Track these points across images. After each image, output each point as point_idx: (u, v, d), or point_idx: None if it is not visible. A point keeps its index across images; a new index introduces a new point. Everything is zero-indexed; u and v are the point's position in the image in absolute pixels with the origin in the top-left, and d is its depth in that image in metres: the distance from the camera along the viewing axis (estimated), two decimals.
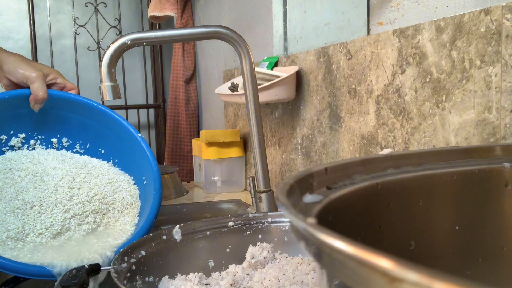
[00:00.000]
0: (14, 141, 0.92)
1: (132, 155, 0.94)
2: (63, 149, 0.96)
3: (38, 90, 0.88)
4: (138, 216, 0.87)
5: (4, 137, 0.91)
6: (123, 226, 0.84)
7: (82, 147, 0.97)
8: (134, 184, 0.92)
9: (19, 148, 0.92)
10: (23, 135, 0.93)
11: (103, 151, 0.97)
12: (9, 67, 0.88)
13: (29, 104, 0.90)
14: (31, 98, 0.89)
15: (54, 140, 0.96)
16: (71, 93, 0.94)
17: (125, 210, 0.87)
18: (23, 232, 0.76)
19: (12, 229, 0.76)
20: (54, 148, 0.96)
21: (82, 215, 0.82)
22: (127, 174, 0.94)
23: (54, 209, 0.80)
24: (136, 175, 0.93)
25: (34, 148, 0.94)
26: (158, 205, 0.85)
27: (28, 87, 0.89)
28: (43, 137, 0.95)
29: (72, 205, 0.82)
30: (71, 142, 0.97)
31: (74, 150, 0.97)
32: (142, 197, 0.90)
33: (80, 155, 0.96)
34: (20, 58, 0.90)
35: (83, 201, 0.83)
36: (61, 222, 0.79)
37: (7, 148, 0.91)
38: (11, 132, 0.92)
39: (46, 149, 0.95)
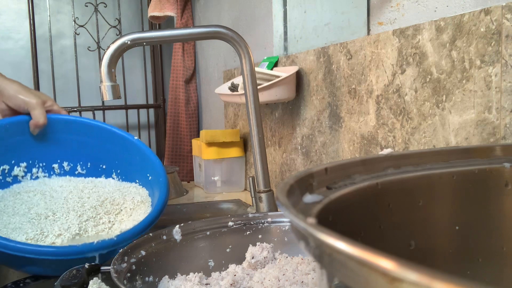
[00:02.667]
0: (16, 170, 0.94)
1: (132, 160, 0.97)
2: (66, 175, 0.99)
3: (39, 116, 0.92)
4: (151, 207, 0.88)
5: (6, 166, 0.92)
6: (138, 217, 0.86)
7: (84, 167, 0.99)
8: (142, 186, 0.94)
9: (22, 177, 0.94)
10: (24, 164, 0.94)
11: (104, 166, 1.00)
12: (10, 92, 0.92)
13: (26, 131, 0.93)
14: (32, 123, 0.92)
15: (55, 165, 0.98)
16: (65, 115, 0.99)
17: (137, 207, 0.89)
18: (42, 234, 0.78)
19: (31, 232, 0.77)
20: (56, 175, 0.98)
21: (96, 217, 0.85)
22: (132, 183, 0.96)
23: (68, 215, 0.83)
24: (141, 177, 0.95)
25: (37, 177, 0.96)
26: (167, 188, 0.88)
27: (25, 114, 0.93)
28: (44, 164, 0.97)
29: (84, 210, 0.85)
30: (72, 165, 0.99)
31: (76, 172, 0.99)
32: (151, 194, 0.91)
33: (84, 177, 0.99)
34: (20, 85, 0.94)
35: (94, 206, 0.86)
36: (78, 224, 0.82)
37: (11, 177, 0.93)
38: (13, 162, 0.94)
39: (49, 177, 0.97)
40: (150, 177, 0.93)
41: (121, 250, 0.61)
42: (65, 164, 0.98)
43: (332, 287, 0.24)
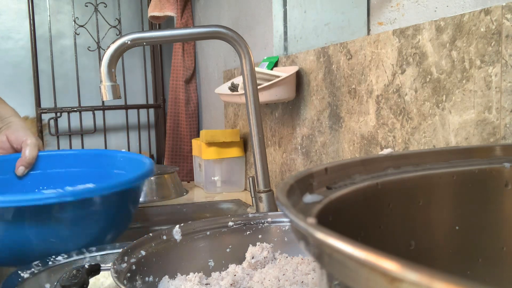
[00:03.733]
0: None
1: (107, 170, 0.99)
2: None
3: (29, 154, 0.96)
4: None
5: None
6: None
7: None
8: None
9: None
10: None
11: None
12: (14, 127, 0.97)
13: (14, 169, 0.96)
14: (19, 160, 0.95)
15: None
16: (49, 150, 1.02)
17: None
18: None
19: None
20: None
21: None
22: None
23: None
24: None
25: None
26: (151, 161, 0.90)
27: (19, 151, 0.96)
28: None
29: None
30: None
31: None
32: None
33: None
34: (26, 125, 1.00)
35: None
36: None
37: None
38: None
39: None
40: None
41: (121, 250, 0.61)
42: None
43: (332, 287, 0.24)
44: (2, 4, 2.32)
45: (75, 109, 2.26)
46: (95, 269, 0.61)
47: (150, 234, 0.67)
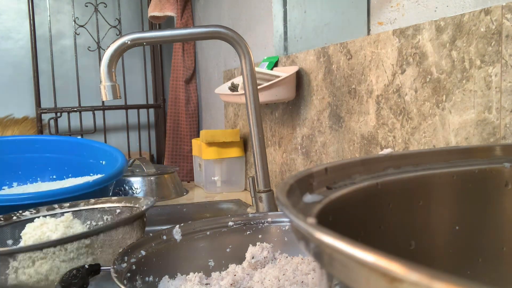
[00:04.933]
0: None
1: (81, 158, 1.02)
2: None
3: None
4: None
5: None
6: None
7: (34, 183, 1.01)
8: (97, 174, 0.97)
9: None
10: None
11: (54, 176, 1.03)
12: None
13: None
14: None
15: (5, 188, 1.00)
16: (4, 136, 1.03)
17: None
18: None
19: None
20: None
21: None
22: (86, 176, 0.99)
23: None
24: (94, 169, 0.99)
25: None
26: (122, 156, 0.94)
27: None
28: None
29: None
30: (22, 184, 1.01)
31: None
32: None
33: None
34: None
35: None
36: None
37: None
38: None
39: None
40: (104, 162, 0.95)
41: (121, 250, 0.61)
42: (14, 184, 1.00)
43: (332, 287, 0.24)
44: (2, 4, 2.32)
45: (75, 109, 2.26)
46: (95, 269, 0.60)
47: (150, 234, 0.67)
